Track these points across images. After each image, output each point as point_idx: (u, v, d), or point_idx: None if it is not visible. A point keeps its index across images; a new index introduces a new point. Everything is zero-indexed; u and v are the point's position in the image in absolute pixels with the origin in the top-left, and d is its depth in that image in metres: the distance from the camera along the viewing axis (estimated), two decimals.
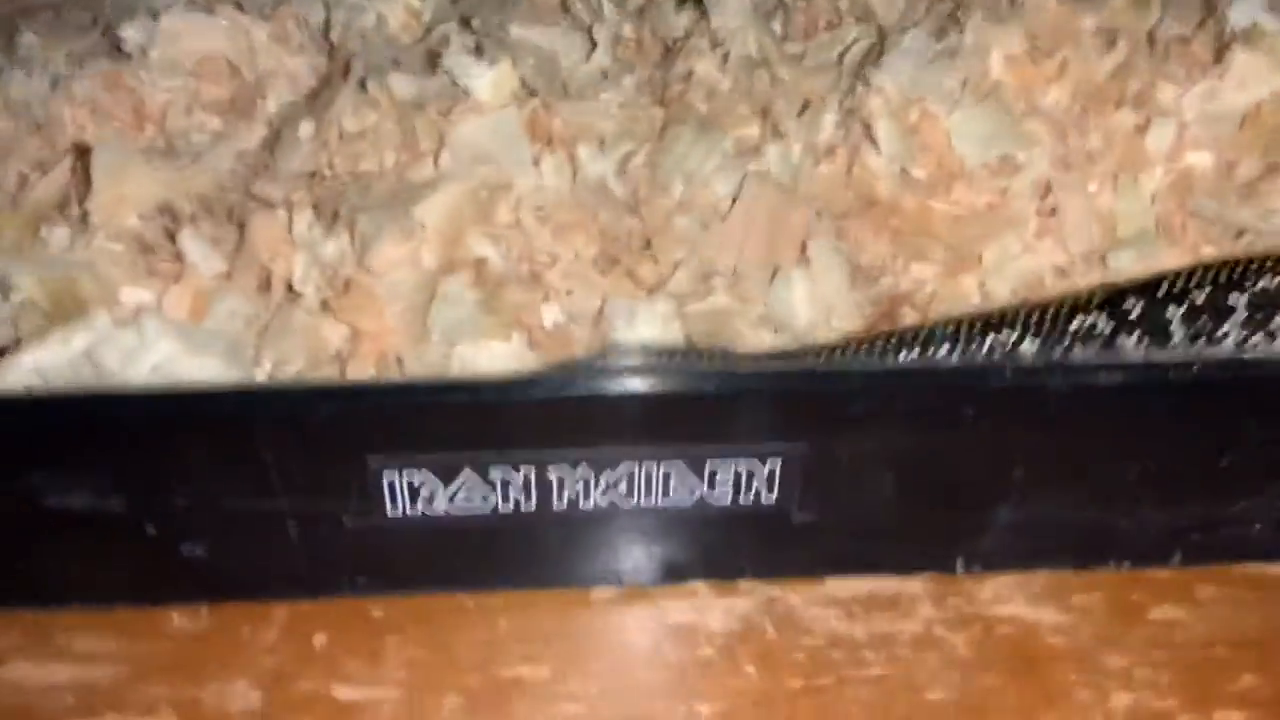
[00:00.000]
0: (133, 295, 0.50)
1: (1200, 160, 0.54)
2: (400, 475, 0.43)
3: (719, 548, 0.48)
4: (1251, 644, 0.47)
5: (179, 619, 0.47)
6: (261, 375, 0.49)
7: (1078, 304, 0.45)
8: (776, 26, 0.66)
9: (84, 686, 0.45)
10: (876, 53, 0.58)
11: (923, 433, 0.44)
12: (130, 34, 0.62)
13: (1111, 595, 0.49)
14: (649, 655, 0.46)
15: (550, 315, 0.51)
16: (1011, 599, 0.49)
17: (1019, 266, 0.52)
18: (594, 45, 0.61)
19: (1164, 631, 0.48)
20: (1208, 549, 0.49)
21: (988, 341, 0.45)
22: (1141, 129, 0.54)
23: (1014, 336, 0.45)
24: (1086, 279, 0.52)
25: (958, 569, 0.49)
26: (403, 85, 0.57)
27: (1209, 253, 0.52)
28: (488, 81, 0.54)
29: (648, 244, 0.53)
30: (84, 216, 0.51)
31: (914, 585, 0.49)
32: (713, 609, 0.48)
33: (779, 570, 0.49)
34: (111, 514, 0.43)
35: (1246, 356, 0.43)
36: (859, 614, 0.48)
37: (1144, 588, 0.49)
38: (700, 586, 0.49)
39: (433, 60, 0.58)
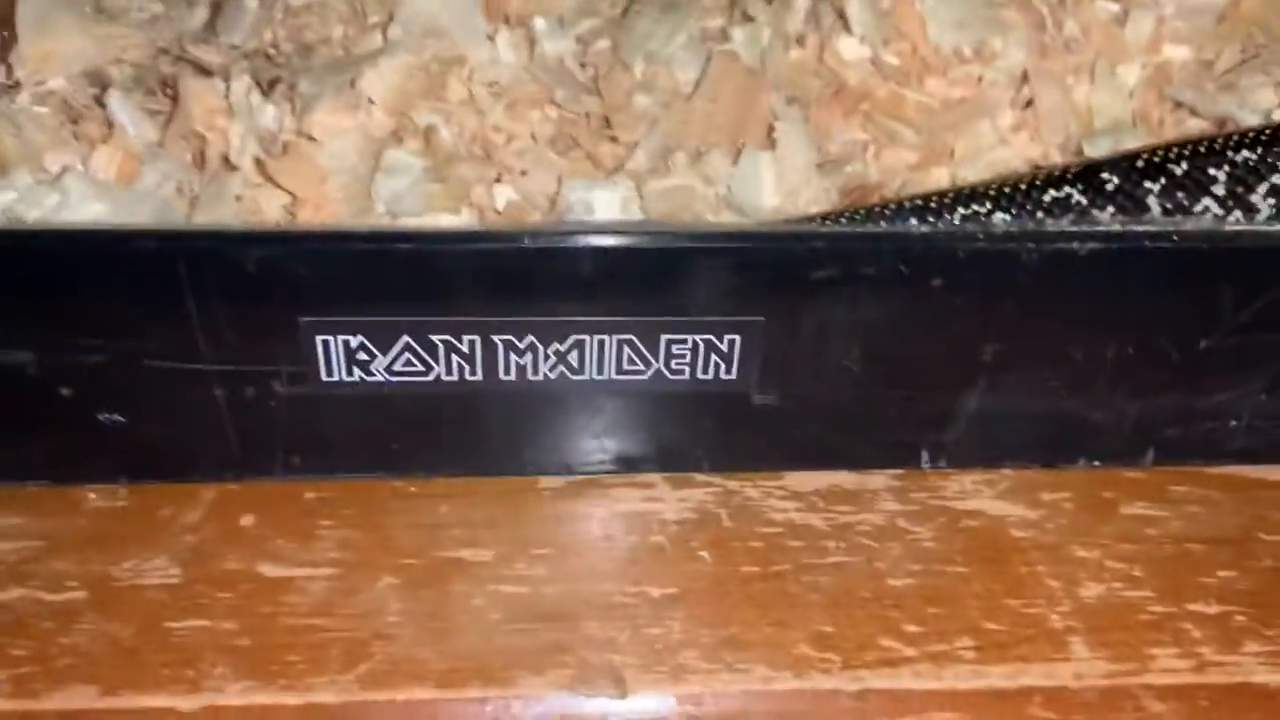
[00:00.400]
0: (57, 160, 0.47)
1: (1179, 54, 0.52)
2: (335, 336, 0.41)
3: (675, 434, 0.46)
4: (1227, 542, 0.45)
5: (96, 497, 0.44)
6: None
7: (1051, 178, 0.43)
8: None
9: None
10: None
11: (888, 305, 0.42)
12: None
13: (1082, 492, 0.47)
14: (598, 541, 0.44)
15: (503, 195, 0.48)
16: (978, 494, 0.47)
17: (992, 158, 0.50)
18: None
19: (1136, 527, 0.46)
20: (1182, 448, 0.48)
21: (958, 215, 0.43)
22: (1120, 20, 0.53)
23: (986, 209, 0.43)
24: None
25: (923, 464, 0.47)
26: None
27: None
28: None
29: (607, 123, 0.50)
30: (7, 71, 0.48)
31: (877, 480, 0.47)
32: (667, 499, 0.46)
33: (737, 463, 0.47)
34: (21, 372, 0.40)
35: (1229, 228, 0.41)
36: (820, 506, 0.46)
37: (1116, 486, 0.47)
38: (655, 478, 0.47)
39: None
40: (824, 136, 0.51)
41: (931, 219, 0.43)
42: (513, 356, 0.42)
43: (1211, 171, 0.42)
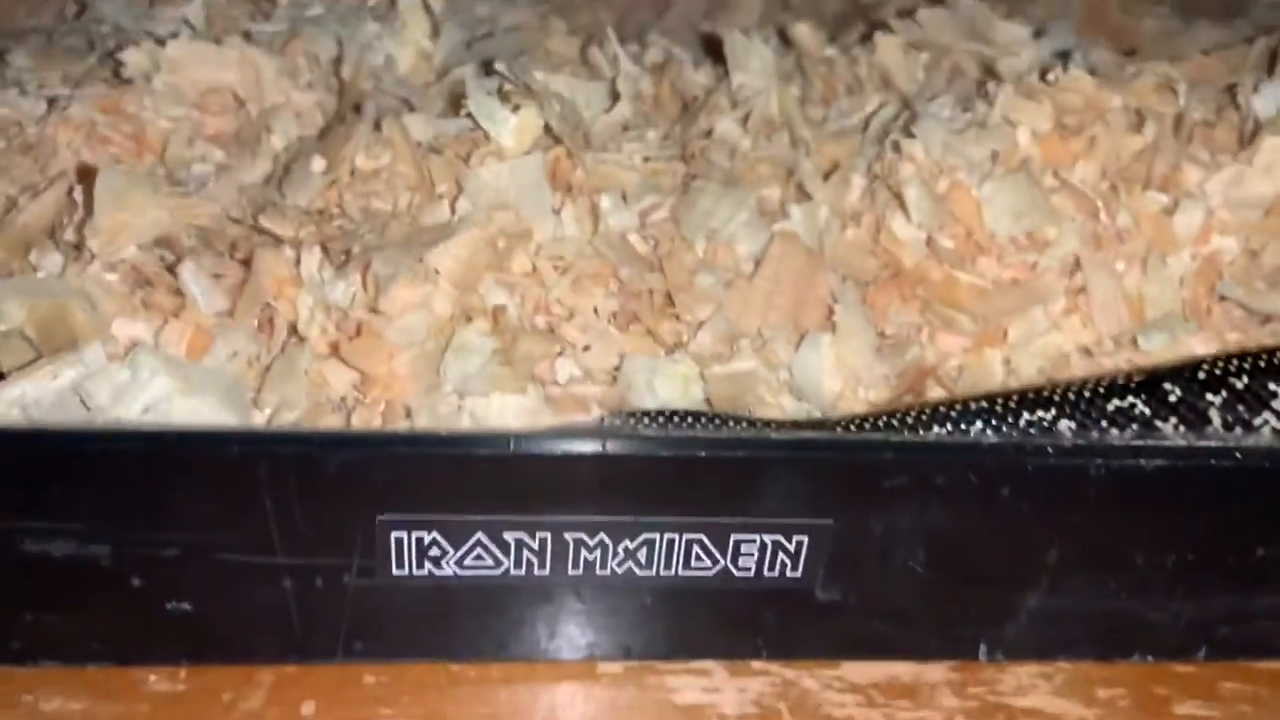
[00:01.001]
0: (127, 329, 0.47)
1: (1227, 245, 0.53)
2: (410, 533, 0.41)
3: (736, 625, 0.46)
4: None
5: (156, 679, 0.44)
6: (260, 419, 0.46)
7: (1115, 386, 0.44)
8: (796, 90, 0.65)
9: None
10: (904, 120, 0.58)
11: (956, 511, 0.42)
12: (133, 59, 0.60)
13: (1136, 689, 0.47)
14: None
15: (565, 370, 0.49)
16: (1035, 689, 0.47)
17: (1045, 343, 0.51)
18: (616, 97, 0.60)
19: None
20: (1234, 645, 0.48)
21: (1023, 420, 0.44)
22: (1169, 211, 0.54)
23: (1050, 416, 0.43)
24: (1114, 360, 0.51)
25: (980, 655, 0.47)
26: (418, 125, 0.55)
27: (1235, 339, 0.51)
28: (512, 126, 0.53)
29: (669, 301, 0.51)
30: (80, 242, 0.49)
31: (934, 672, 0.47)
32: (725, 689, 0.46)
33: (796, 651, 0.47)
34: (94, 563, 0.40)
35: None
36: (879, 701, 0.46)
37: (1168, 682, 0.48)
38: (713, 665, 0.47)
39: (455, 102, 0.57)
40: (881, 318, 0.51)
41: (996, 422, 0.44)
42: (583, 553, 0.42)
43: (1271, 386, 0.43)
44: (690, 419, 0.45)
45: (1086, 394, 0.44)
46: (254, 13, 0.71)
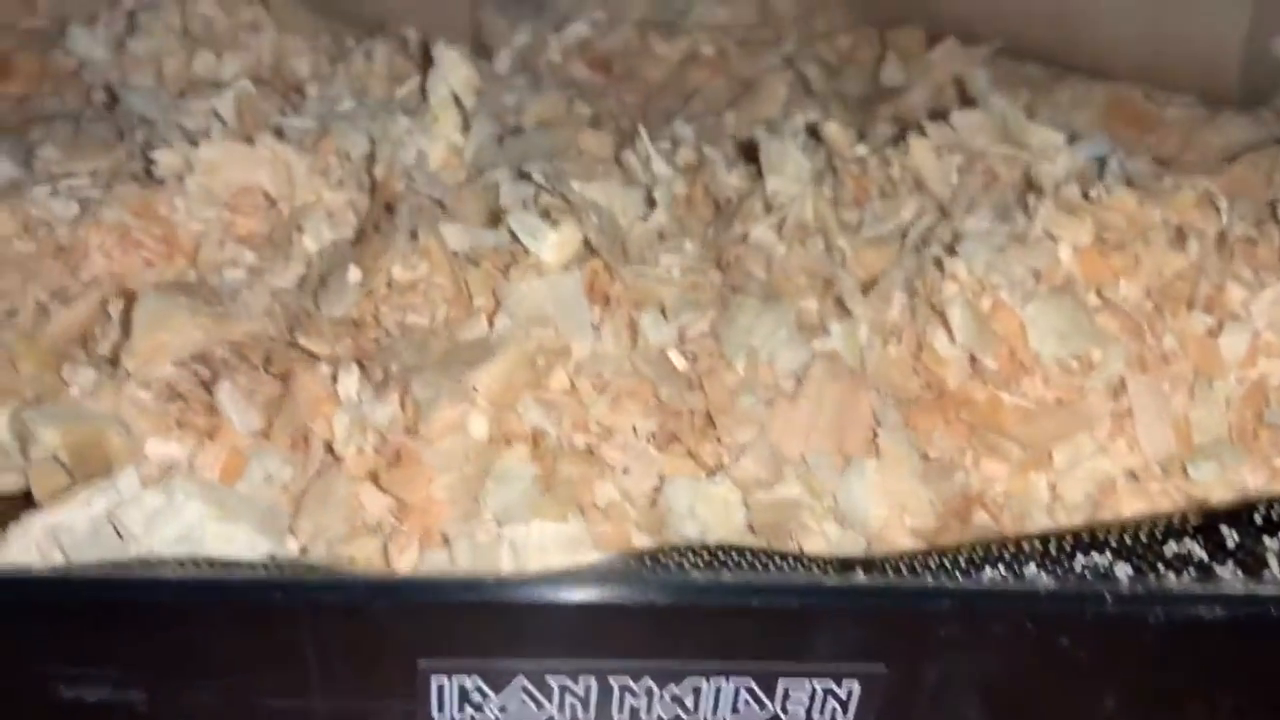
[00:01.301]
0: (161, 449, 0.46)
1: (1274, 368, 0.53)
2: (451, 679, 0.40)
3: None
4: None
5: None
6: (295, 546, 0.45)
7: (1171, 529, 0.43)
8: (827, 190, 0.65)
9: None
10: (945, 234, 0.57)
11: (1013, 658, 0.41)
12: (166, 160, 0.60)
13: None
14: None
15: (606, 494, 0.48)
16: None
17: (1091, 467, 0.51)
18: (652, 203, 0.60)
19: None
20: None
21: (1078, 563, 0.43)
22: (1214, 333, 0.53)
23: (1106, 560, 0.42)
24: (1162, 487, 0.50)
25: None
26: (455, 235, 0.55)
27: None
28: (552, 242, 0.52)
29: (710, 421, 0.50)
30: (114, 360, 0.48)
31: None
32: None
33: None
34: (130, 709, 0.39)
35: None
36: None
37: None
38: None
39: (491, 208, 0.56)
40: (925, 441, 0.51)
41: (1050, 565, 0.43)
42: (628, 698, 0.41)
43: None
44: (735, 556, 0.44)
45: (1143, 537, 0.43)
46: (283, 105, 0.70)
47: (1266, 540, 0.42)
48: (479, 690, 0.40)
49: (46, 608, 0.38)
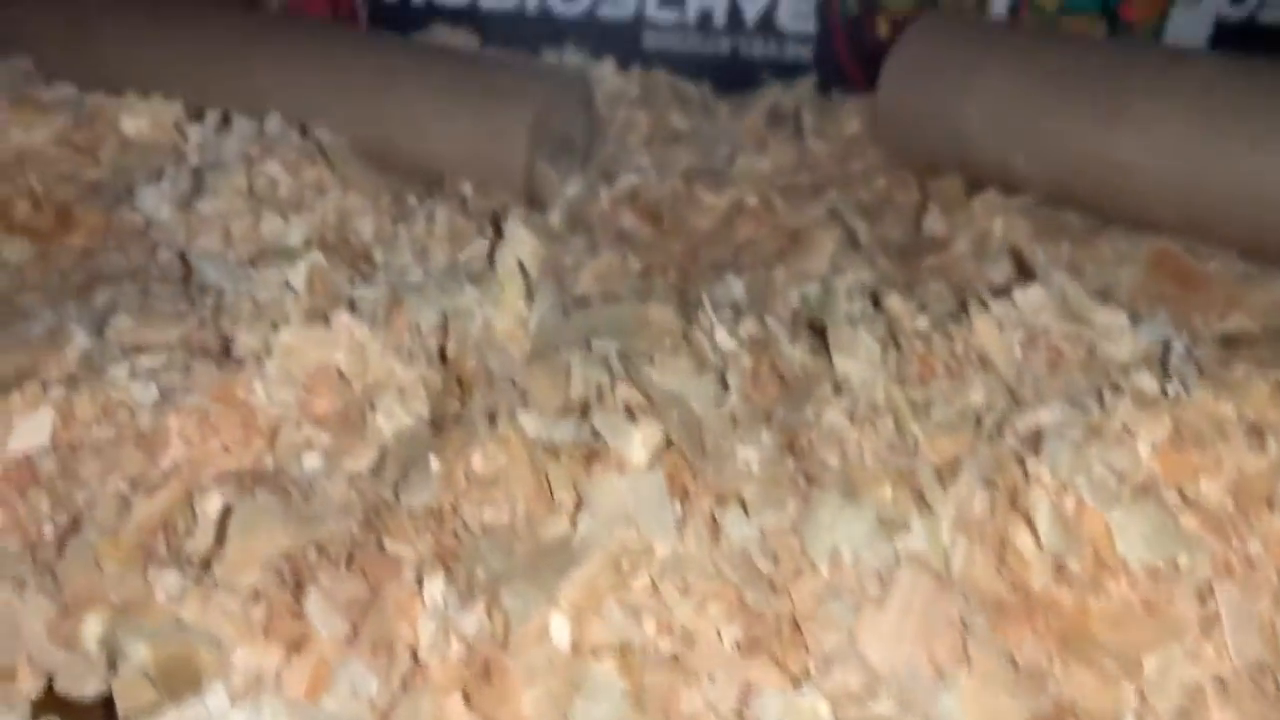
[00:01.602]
0: (249, 659, 0.46)
1: None
2: None
3: None
4: None
5: None
6: None
7: None
8: (891, 363, 0.65)
9: None
10: (1018, 423, 0.57)
11: None
12: (244, 341, 0.60)
13: None
14: None
15: (690, 703, 0.47)
16: None
17: (1182, 676, 0.50)
18: (725, 387, 0.60)
19: None
20: None
21: None
22: None
23: None
24: (1254, 703, 0.49)
25: None
26: (533, 424, 0.55)
27: None
28: (636, 441, 0.52)
29: (795, 626, 0.50)
30: (201, 563, 0.48)
31: None
32: None
33: None
34: None
35: None
36: None
37: None
38: None
39: (568, 400, 0.57)
40: (1013, 648, 0.50)
41: None
42: None
43: None
44: None
45: None
46: (352, 274, 0.71)
47: None
48: None
49: None
